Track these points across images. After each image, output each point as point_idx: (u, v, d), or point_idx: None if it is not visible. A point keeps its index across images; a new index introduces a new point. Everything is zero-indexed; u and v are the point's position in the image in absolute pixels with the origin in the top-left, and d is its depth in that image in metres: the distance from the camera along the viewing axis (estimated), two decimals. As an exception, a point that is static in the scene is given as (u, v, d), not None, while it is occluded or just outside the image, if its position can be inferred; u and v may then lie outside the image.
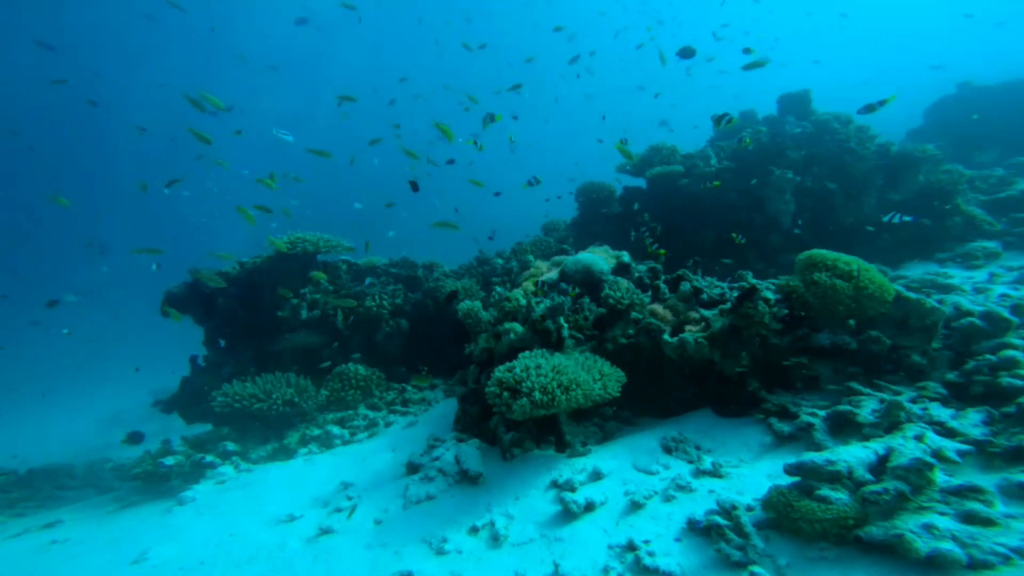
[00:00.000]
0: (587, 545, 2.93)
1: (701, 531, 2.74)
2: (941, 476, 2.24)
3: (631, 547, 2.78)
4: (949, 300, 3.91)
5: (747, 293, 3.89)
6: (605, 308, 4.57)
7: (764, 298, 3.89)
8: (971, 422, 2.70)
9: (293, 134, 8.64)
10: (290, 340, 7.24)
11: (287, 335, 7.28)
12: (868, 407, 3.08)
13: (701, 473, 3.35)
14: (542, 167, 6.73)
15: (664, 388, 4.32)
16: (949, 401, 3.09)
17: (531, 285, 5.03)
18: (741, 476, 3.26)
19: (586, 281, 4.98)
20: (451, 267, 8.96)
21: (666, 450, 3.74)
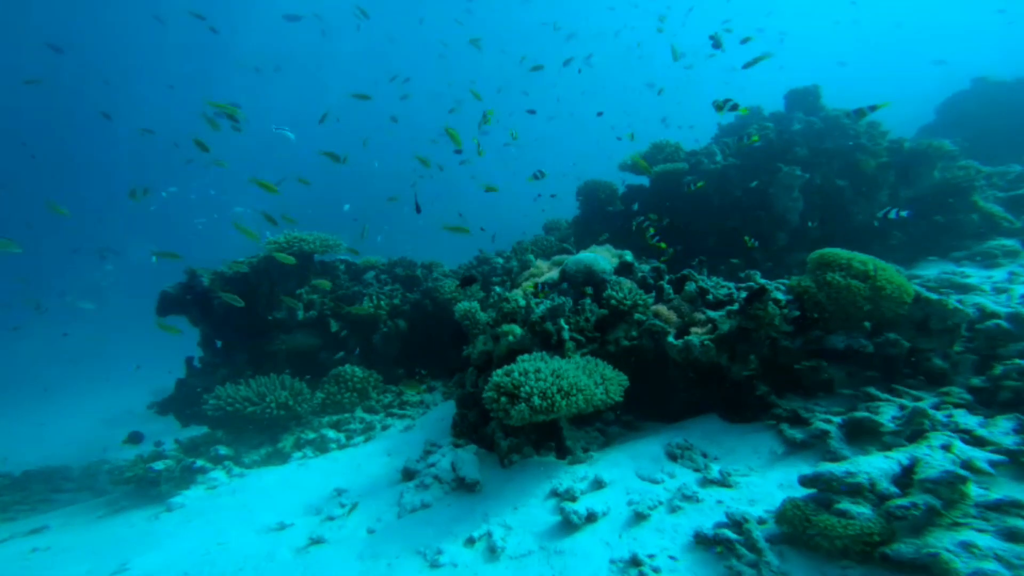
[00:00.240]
0: (588, 559, 2.77)
1: (709, 545, 2.59)
2: (975, 489, 2.06)
3: (635, 562, 2.63)
4: (969, 300, 3.72)
5: (756, 293, 3.72)
6: (607, 309, 4.41)
7: (775, 299, 3.71)
8: (1002, 430, 2.51)
9: (294, 133, 8.54)
10: (287, 341, 7.12)
11: (284, 336, 7.16)
12: (888, 414, 2.89)
13: (708, 482, 3.20)
14: (543, 165, 6.58)
15: (668, 392, 4.16)
16: (975, 408, 2.89)
17: (531, 286, 4.87)
18: (751, 486, 3.10)
19: (588, 281, 4.82)
20: (451, 267, 8.82)
21: (671, 457, 3.58)
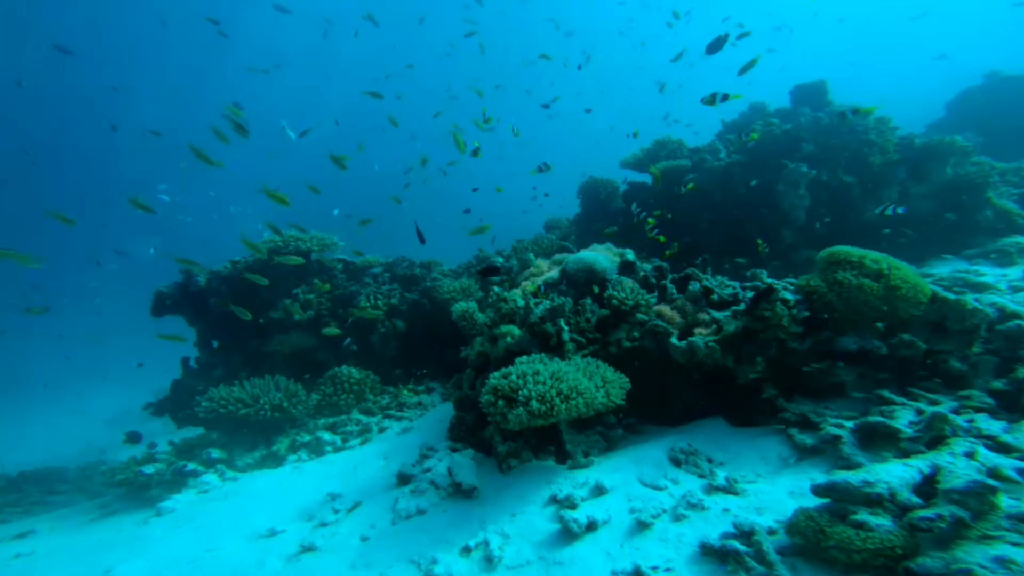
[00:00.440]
0: (589, 570, 2.64)
1: (716, 557, 2.45)
2: (1006, 500, 1.92)
3: (637, 574, 2.50)
4: (985, 300, 3.57)
5: (763, 293, 3.58)
6: (608, 309, 4.27)
7: (783, 299, 3.57)
8: (1027, 437, 2.36)
9: (295, 132, 8.44)
10: (283, 342, 7.01)
11: (280, 336, 7.06)
12: (904, 418, 2.75)
13: (714, 489, 3.06)
14: (545, 162, 6.43)
15: (672, 395, 4.02)
16: (997, 412, 2.75)
17: (531, 285, 4.74)
18: (759, 493, 2.96)
19: (589, 280, 4.68)
20: (450, 266, 8.70)
21: (675, 462, 3.44)
